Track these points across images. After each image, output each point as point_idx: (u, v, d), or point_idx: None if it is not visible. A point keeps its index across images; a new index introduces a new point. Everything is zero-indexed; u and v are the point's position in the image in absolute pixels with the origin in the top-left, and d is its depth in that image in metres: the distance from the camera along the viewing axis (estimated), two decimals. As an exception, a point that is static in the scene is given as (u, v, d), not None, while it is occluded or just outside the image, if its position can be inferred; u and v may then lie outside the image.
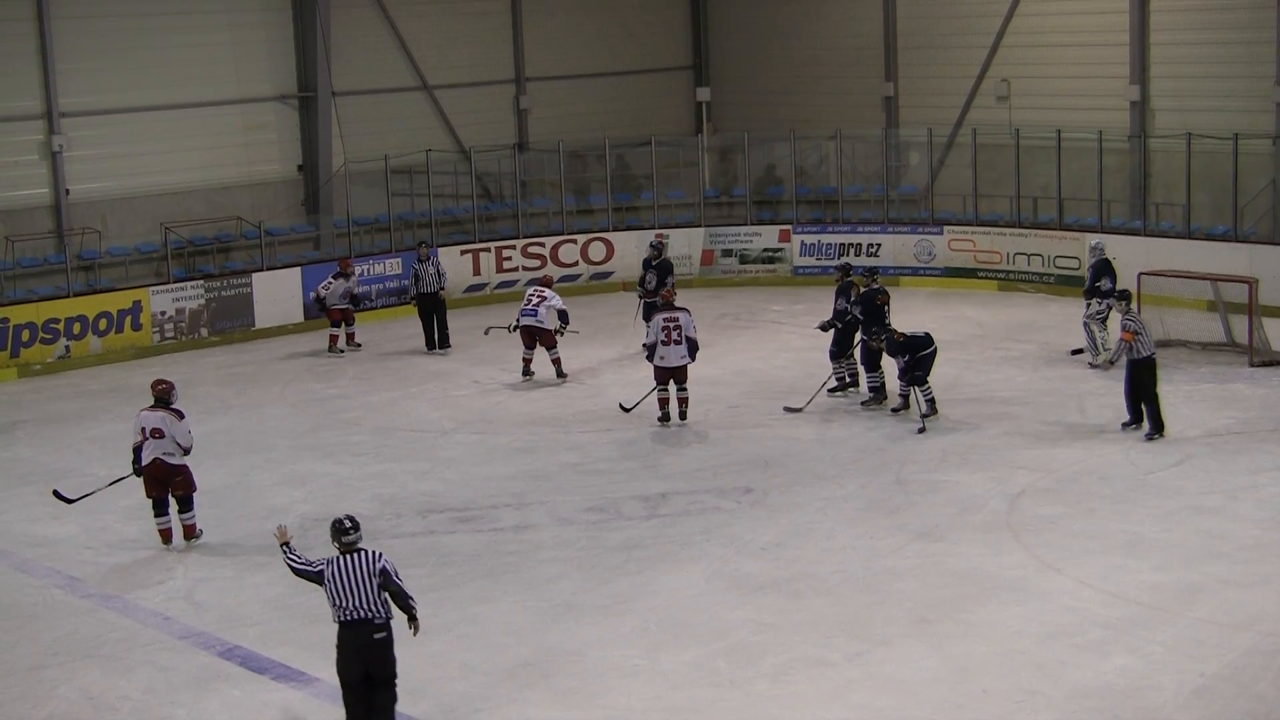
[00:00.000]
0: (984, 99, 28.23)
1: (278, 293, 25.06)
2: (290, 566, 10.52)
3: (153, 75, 25.76)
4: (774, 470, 16.55)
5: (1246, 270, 22.07)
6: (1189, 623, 12.02)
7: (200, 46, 26.29)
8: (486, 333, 22.42)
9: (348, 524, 10.30)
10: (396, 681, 10.31)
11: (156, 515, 14.71)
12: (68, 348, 23.09)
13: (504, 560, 14.10)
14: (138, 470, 14.65)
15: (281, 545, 10.73)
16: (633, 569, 13.74)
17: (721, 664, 11.62)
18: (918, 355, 17.97)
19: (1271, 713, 10.60)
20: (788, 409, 18.83)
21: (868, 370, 18.90)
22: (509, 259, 27.34)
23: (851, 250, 27.33)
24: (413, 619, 10.37)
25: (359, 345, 23.53)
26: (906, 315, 19.37)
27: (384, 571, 10.19)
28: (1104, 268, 20.43)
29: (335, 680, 10.56)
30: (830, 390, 19.17)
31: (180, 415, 14.63)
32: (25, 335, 22.74)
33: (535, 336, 20.87)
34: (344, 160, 27.42)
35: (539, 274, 26.17)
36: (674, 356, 18.31)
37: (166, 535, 14.73)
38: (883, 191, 28.09)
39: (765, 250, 27.99)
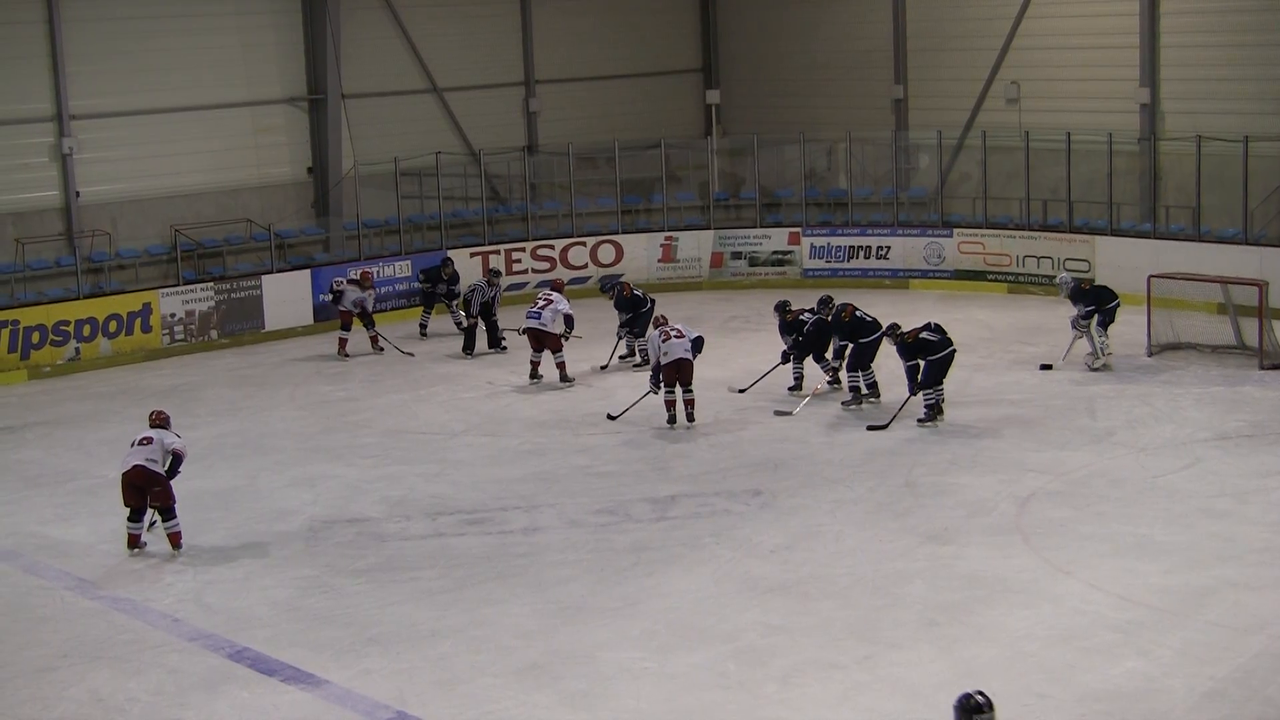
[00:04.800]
0: (994, 101, 28.18)
1: (287, 295, 25.07)
2: None
3: (163, 78, 25.79)
4: (783, 473, 16.54)
5: (1256, 273, 22.02)
6: (1199, 626, 12.00)
7: (210, 49, 26.33)
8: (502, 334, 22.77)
9: (980, 700, 8.47)
10: None
11: (131, 521, 14.79)
12: (78, 350, 23.12)
13: (513, 562, 14.10)
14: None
15: None
16: (642, 571, 13.74)
17: (730, 666, 11.62)
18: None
19: (1282, 716, 10.60)
20: (778, 413, 18.90)
21: (850, 370, 19.08)
22: (518, 261, 27.35)
23: (861, 253, 27.32)
24: None
25: (381, 349, 23.38)
26: (916, 318, 19.35)
27: None
28: (1076, 294, 20.39)
29: (344, 682, 10.51)
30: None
31: (176, 434, 14.96)
32: (35, 337, 22.78)
33: (540, 340, 20.86)
34: (354, 163, 27.44)
35: (549, 276, 26.22)
36: (678, 349, 18.31)
37: (134, 540, 14.77)
38: (892, 194, 28.03)
39: (774, 253, 27.96)
